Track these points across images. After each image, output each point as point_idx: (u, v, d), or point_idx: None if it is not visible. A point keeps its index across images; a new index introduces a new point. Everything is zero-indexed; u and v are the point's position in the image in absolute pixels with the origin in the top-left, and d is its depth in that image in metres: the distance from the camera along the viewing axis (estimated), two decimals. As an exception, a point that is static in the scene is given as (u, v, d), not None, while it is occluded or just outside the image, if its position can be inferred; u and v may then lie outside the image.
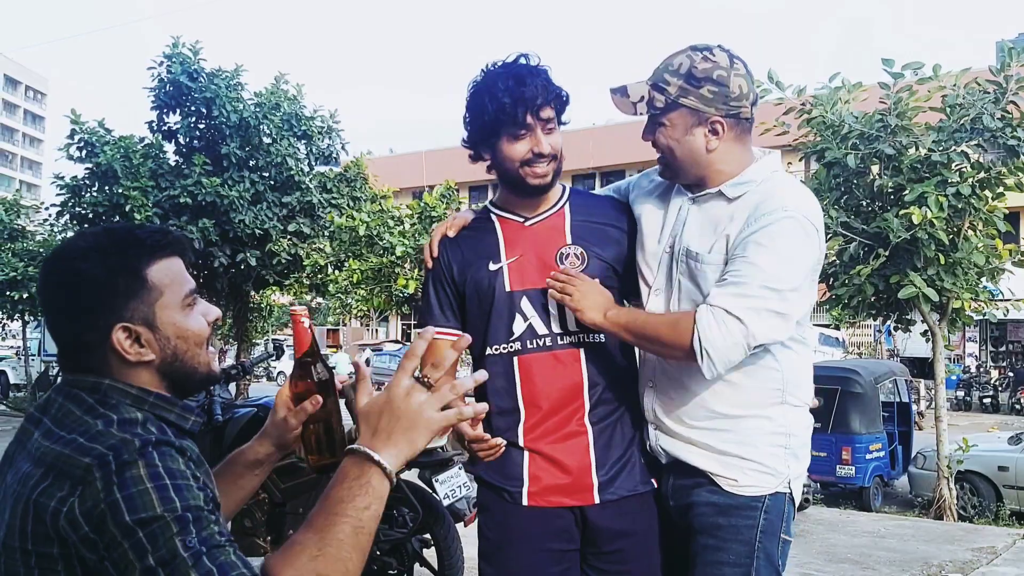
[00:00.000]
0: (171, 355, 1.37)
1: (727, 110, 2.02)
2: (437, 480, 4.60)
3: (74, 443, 1.23)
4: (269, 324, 21.45)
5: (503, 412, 2.19)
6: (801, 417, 2.12)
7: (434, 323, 2.25)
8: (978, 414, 21.67)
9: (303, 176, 13.85)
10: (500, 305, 2.18)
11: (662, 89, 2.04)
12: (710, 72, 2.00)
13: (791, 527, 2.11)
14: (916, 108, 7.67)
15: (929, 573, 5.89)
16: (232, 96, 13.20)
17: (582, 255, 2.18)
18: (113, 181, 12.92)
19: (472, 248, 2.25)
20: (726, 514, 2.05)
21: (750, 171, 2.06)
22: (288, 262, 13.60)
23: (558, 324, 2.16)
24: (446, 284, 2.26)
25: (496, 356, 2.18)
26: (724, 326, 1.89)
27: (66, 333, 1.35)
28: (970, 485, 9.19)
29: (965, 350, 27.23)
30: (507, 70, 2.12)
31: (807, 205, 2.01)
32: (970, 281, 7.96)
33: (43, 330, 19.17)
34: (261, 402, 4.90)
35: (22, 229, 17.57)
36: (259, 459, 1.67)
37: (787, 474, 2.07)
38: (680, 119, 2.05)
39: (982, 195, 7.67)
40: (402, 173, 32.88)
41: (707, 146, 2.05)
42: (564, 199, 2.27)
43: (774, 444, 2.06)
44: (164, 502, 1.16)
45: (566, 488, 2.14)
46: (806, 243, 1.97)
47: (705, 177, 2.09)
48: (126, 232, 1.39)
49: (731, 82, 2.01)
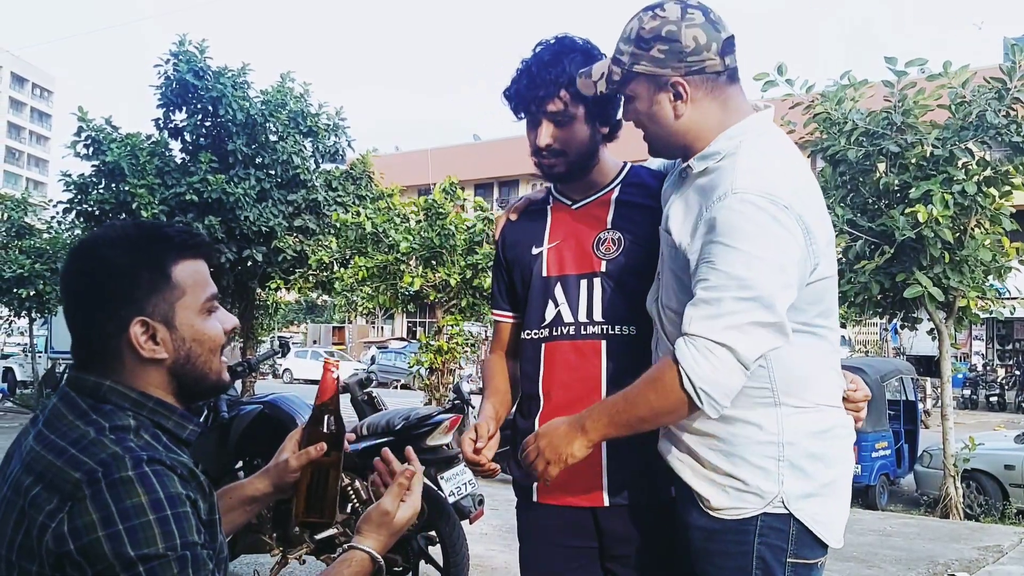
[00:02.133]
0: (184, 357, 1.36)
1: (685, 67, 1.77)
2: (442, 477, 4.60)
3: (65, 453, 1.23)
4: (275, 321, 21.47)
5: (529, 398, 2.17)
6: (805, 421, 1.80)
7: (494, 305, 2.31)
8: (984, 412, 21.63)
9: (309, 174, 13.88)
10: (536, 290, 2.15)
11: (619, 61, 1.84)
12: (658, 29, 1.77)
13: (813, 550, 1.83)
14: (923, 106, 7.66)
15: (935, 571, 5.88)
16: (239, 94, 13.23)
17: (618, 240, 2.09)
18: (120, 179, 12.96)
19: (523, 231, 2.24)
20: (713, 539, 1.84)
21: (716, 141, 1.80)
22: (294, 259, 13.62)
23: (584, 313, 2.09)
24: (501, 267, 2.29)
25: (528, 341, 2.17)
26: (712, 356, 1.64)
27: (83, 322, 1.34)
28: (976, 483, 9.18)
29: (972, 348, 27.16)
30: (526, 61, 2.09)
31: (767, 180, 1.70)
32: (976, 279, 7.94)
33: (50, 327, 19.24)
34: (267, 399, 4.90)
35: (29, 227, 17.61)
36: (255, 496, 1.66)
37: (777, 492, 1.77)
38: (641, 88, 1.83)
39: (988, 193, 7.65)
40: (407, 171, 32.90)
41: (675, 112, 1.81)
42: (618, 180, 2.18)
43: (763, 456, 1.78)
44: (166, 538, 1.18)
45: (575, 486, 2.07)
46: (775, 229, 1.66)
47: (685, 148, 1.86)
48: (155, 228, 1.40)
49: (683, 35, 1.76)
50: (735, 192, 1.68)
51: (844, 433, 1.87)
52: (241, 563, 5.09)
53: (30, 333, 19.50)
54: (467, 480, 4.71)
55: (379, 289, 10.85)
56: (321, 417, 1.60)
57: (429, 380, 10.95)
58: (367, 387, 7.19)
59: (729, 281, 1.65)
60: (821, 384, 1.84)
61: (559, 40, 2.08)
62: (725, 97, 1.82)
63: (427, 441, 4.40)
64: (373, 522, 1.51)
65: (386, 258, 10.56)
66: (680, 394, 1.67)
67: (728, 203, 1.68)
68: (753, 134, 1.81)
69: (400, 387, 26.90)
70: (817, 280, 1.78)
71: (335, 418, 1.61)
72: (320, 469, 1.59)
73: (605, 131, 2.15)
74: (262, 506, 1.70)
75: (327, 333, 40.91)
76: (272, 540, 4.48)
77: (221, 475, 4.77)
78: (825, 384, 1.85)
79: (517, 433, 2.20)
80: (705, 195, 1.76)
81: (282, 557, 4.49)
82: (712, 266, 1.68)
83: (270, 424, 4.69)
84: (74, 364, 1.37)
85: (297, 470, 1.60)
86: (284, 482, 1.63)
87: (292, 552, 4.46)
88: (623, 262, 2.07)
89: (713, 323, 1.65)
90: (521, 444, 1.96)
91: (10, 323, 19.35)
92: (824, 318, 1.84)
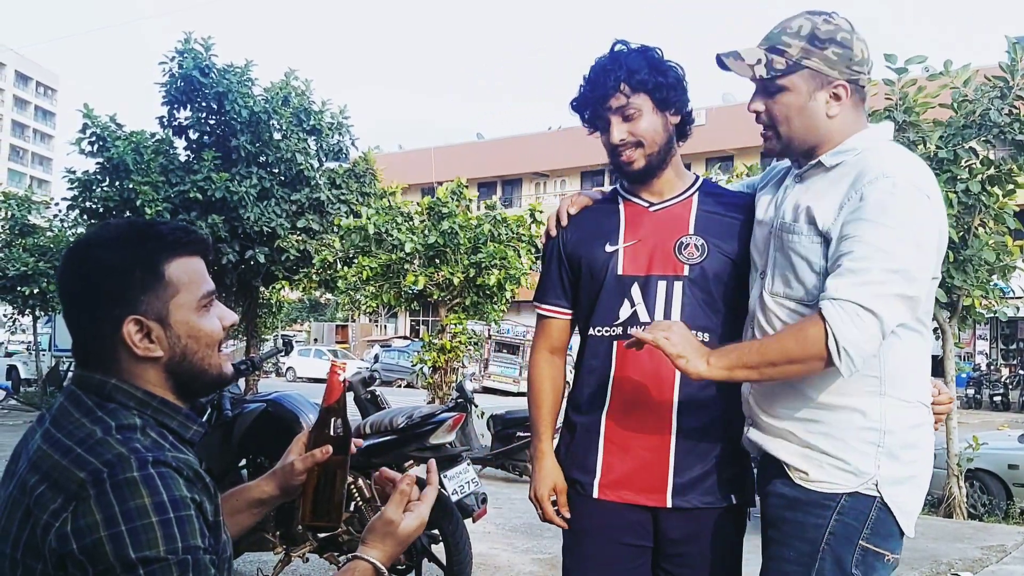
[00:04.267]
0: (180, 354, 1.36)
1: (850, 74, 1.92)
2: (446, 476, 4.60)
3: (71, 453, 1.23)
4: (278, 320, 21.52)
5: (593, 394, 2.16)
6: (906, 414, 1.90)
7: (543, 299, 2.30)
8: (988, 412, 21.61)
9: (312, 171, 13.88)
10: (610, 287, 2.15)
11: (781, 52, 1.94)
12: (834, 34, 1.91)
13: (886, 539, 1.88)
14: (924, 104, 7.64)
15: (938, 571, 5.88)
16: (243, 91, 13.23)
17: (702, 246, 2.12)
18: (124, 176, 12.97)
19: (591, 227, 2.23)
20: (793, 508, 1.91)
21: (853, 138, 1.94)
22: (297, 258, 13.63)
23: (662, 314, 2.10)
24: (559, 261, 2.27)
25: (598, 337, 2.16)
26: (858, 320, 1.73)
27: (79, 322, 1.35)
28: (980, 483, 9.15)
29: (975, 348, 27.15)
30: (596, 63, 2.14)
31: (913, 170, 1.86)
32: (980, 278, 7.92)
33: (54, 325, 19.28)
34: (270, 397, 4.90)
35: (33, 225, 17.64)
36: (261, 499, 1.66)
37: (873, 475, 1.86)
38: (803, 82, 1.94)
39: (992, 192, 7.64)
40: (411, 169, 32.93)
41: (828, 112, 1.94)
42: (694, 188, 2.23)
43: (864, 441, 1.87)
44: (167, 540, 1.18)
45: (638, 484, 2.08)
46: (919, 212, 1.80)
47: (816, 147, 1.97)
48: (148, 226, 1.40)
49: (855, 45, 1.92)
50: (887, 176, 1.81)
51: (931, 429, 1.97)
52: (245, 560, 5.10)
53: (34, 331, 19.55)
54: (470, 479, 4.72)
55: (383, 288, 10.85)
56: (328, 420, 1.59)
57: (432, 379, 10.95)
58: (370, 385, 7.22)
59: (877, 253, 1.76)
60: (920, 381, 1.95)
61: (613, 46, 2.16)
62: (861, 109, 1.99)
63: (430, 440, 4.41)
64: (377, 532, 1.50)
65: (389, 258, 10.56)
66: (821, 349, 1.76)
67: (880, 185, 1.80)
68: (883, 138, 1.99)
69: (403, 386, 26.93)
70: (935, 277, 1.91)
71: (342, 421, 1.60)
72: (326, 472, 1.58)
73: (676, 121, 2.17)
74: (268, 508, 1.69)
75: (330, 331, 40.93)
76: (276, 538, 4.49)
77: (224, 473, 4.78)
78: (924, 382, 1.96)
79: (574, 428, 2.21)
80: (849, 180, 1.87)
81: (285, 555, 4.49)
82: (859, 240, 1.78)
83: (273, 422, 4.69)
84: (76, 363, 1.38)
85: (303, 473, 1.60)
86: (290, 485, 1.62)
87: (295, 550, 4.46)
88: (706, 268, 2.10)
89: (862, 290, 1.74)
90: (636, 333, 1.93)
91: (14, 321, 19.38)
92: (928, 317, 1.95)
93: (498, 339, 25.36)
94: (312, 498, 1.58)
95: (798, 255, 1.92)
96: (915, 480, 1.92)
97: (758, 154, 22.53)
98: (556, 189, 38.64)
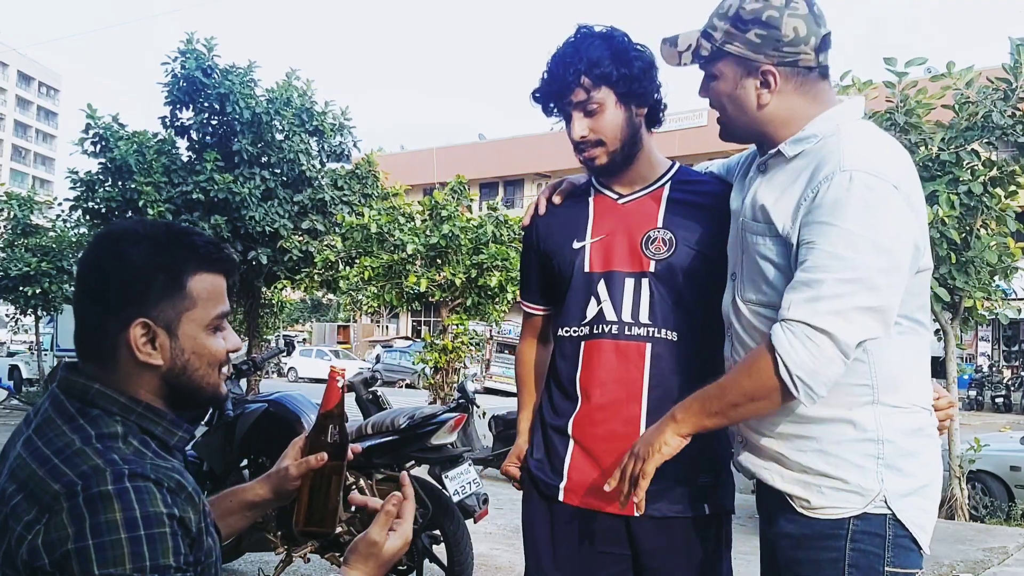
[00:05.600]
0: (180, 367, 1.34)
1: (779, 57, 1.72)
2: (447, 476, 4.61)
3: (48, 463, 1.21)
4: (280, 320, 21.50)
5: (565, 397, 2.08)
6: (903, 421, 1.72)
7: (523, 295, 2.24)
8: (990, 414, 21.60)
9: (315, 172, 13.90)
10: (577, 285, 2.06)
11: (709, 35, 1.78)
12: (759, 13, 1.71)
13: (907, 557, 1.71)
14: (926, 105, 7.64)
15: (940, 573, 5.87)
16: (245, 92, 13.24)
17: (669, 240, 2.00)
18: (127, 176, 12.99)
19: (562, 222, 2.13)
20: (803, 547, 1.73)
21: (815, 122, 1.74)
22: (299, 258, 13.64)
23: (629, 313, 1.99)
24: (534, 256, 2.20)
25: (566, 339, 2.08)
26: (811, 343, 1.57)
27: (89, 313, 1.34)
28: (982, 485, 9.14)
29: (977, 349, 27.12)
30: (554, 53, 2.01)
31: (876, 158, 1.65)
32: (982, 280, 7.91)
33: (56, 325, 19.28)
34: (272, 398, 4.91)
35: (35, 225, 17.65)
36: (255, 502, 1.64)
37: (878, 490, 1.68)
38: (728, 69, 1.77)
39: (994, 193, 7.63)
40: (413, 170, 32.97)
41: (759, 100, 1.75)
42: (666, 177, 2.10)
43: (861, 454, 1.69)
44: (134, 559, 1.15)
45: (603, 492, 1.91)
46: (880, 208, 1.59)
47: (763, 136, 1.81)
48: (184, 234, 1.38)
49: (783, 23, 1.70)
50: (843, 170, 1.62)
51: (934, 433, 1.80)
52: (246, 560, 5.11)
53: (36, 331, 19.55)
54: (472, 479, 4.72)
55: (384, 288, 10.86)
56: (325, 426, 1.56)
57: (434, 379, 10.96)
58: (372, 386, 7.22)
59: (832, 262, 1.58)
60: (918, 384, 1.77)
61: (577, 31, 2.03)
62: (815, 92, 1.77)
63: (431, 440, 4.41)
64: (360, 553, 1.46)
65: (391, 258, 10.57)
66: (774, 381, 1.61)
67: (835, 181, 1.61)
68: (851, 117, 1.77)
69: (405, 386, 26.94)
70: (922, 270, 1.74)
71: (339, 428, 1.57)
72: (321, 479, 1.55)
73: (643, 112, 2.05)
74: (262, 512, 1.67)
75: (332, 332, 40.95)
76: (277, 538, 4.49)
77: (226, 473, 4.79)
78: (922, 384, 1.78)
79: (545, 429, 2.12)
80: (807, 175, 1.69)
81: (287, 555, 4.49)
82: (813, 247, 1.61)
83: (275, 422, 4.69)
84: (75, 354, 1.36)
85: (298, 478, 1.57)
86: (284, 489, 1.60)
87: (297, 550, 4.46)
88: (673, 264, 2.00)
89: (814, 307, 1.58)
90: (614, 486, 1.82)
91: (16, 321, 19.38)
92: (923, 313, 1.78)
93: (500, 340, 25.36)
94: (307, 504, 1.55)
95: (762, 257, 1.76)
96: (925, 491, 1.74)
97: (760, 155, 21.97)
98: (558, 190, 38.57)
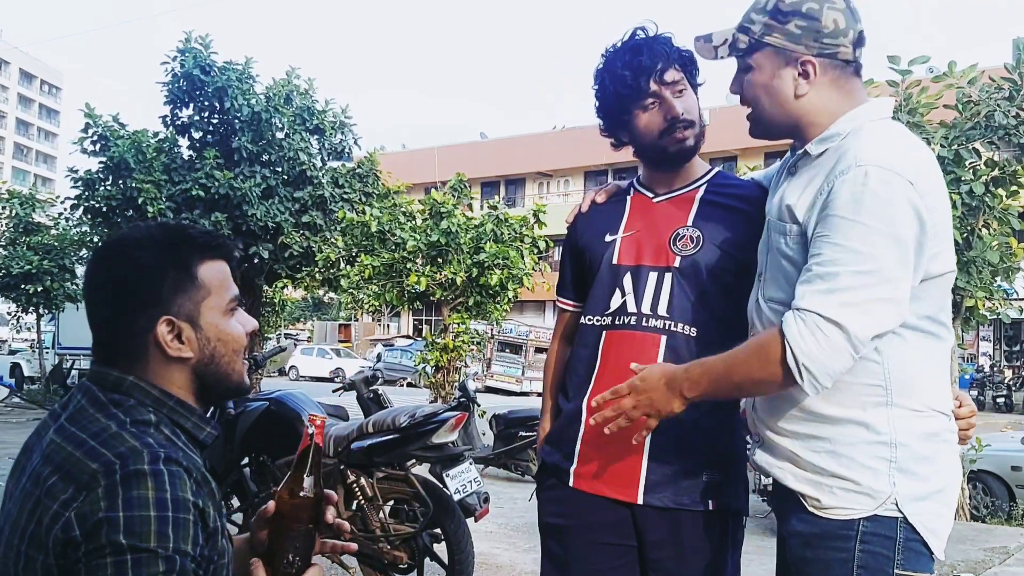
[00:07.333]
0: (209, 356, 1.38)
1: (819, 48, 1.75)
2: (448, 475, 4.61)
3: (84, 445, 1.24)
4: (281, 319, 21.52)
5: (579, 382, 2.13)
6: (918, 425, 1.71)
7: (559, 291, 2.31)
8: (991, 414, 21.57)
9: (315, 171, 13.91)
10: (604, 277, 2.12)
11: (747, 29, 1.81)
12: (799, 5, 1.74)
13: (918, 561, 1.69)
14: (928, 105, 7.63)
15: (941, 573, 5.86)
16: (244, 88, 13.25)
17: (697, 238, 2.05)
18: (127, 175, 13.02)
19: (599, 219, 2.20)
20: (812, 546, 1.74)
21: (841, 121, 1.76)
22: (300, 256, 13.65)
23: (649, 305, 2.04)
24: (571, 253, 2.26)
25: (589, 327, 2.14)
26: (820, 333, 1.58)
27: (108, 321, 1.36)
28: (983, 485, 9.14)
29: (979, 349, 27.12)
30: (622, 46, 2.08)
31: (893, 153, 1.66)
32: (984, 280, 7.91)
33: (57, 323, 19.29)
34: (273, 396, 4.91)
35: (37, 223, 17.68)
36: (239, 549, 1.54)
37: (889, 492, 1.67)
38: (766, 60, 1.80)
39: (996, 193, 7.62)
40: (414, 169, 32.98)
41: (796, 91, 1.78)
42: (704, 179, 2.15)
43: (873, 457, 1.69)
44: (159, 538, 1.18)
45: (612, 477, 2.01)
46: (898, 201, 1.60)
47: (797, 130, 1.82)
48: (179, 228, 1.42)
49: (823, 15, 1.74)
50: (859, 165, 1.64)
51: (952, 439, 1.79)
52: (246, 559, 5.10)
53: (37, 329, 19.56)
54: (472, 478, 4.72)
55: (385, 287, 10.86)
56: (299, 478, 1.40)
57: (435, 378, 10.97)
58: (373, 384, 7.22)
59: (846, 254, 1.60)
60: (935, 388, 1.76)
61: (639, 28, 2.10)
62: (849, 88, 1.79)
63: (432, 439, 4.40)
64: None
65: (392, 256, 10.57)
66: (780, 367, 1.63)
67: (851, 176, 1.63)
68: (876, 116, 1.79)
69: (406, 385, 26.96)
70: (945, 273, 1.75)
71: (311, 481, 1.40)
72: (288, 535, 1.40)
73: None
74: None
75: (333, 330, 40.98)
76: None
77: (227, 471, 4.79)
78: (940, 389, 1.77)
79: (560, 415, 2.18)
80: (826, 171, 1.71)
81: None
82: (828, 240, 1.63)
83: (276, 421, 4.70)
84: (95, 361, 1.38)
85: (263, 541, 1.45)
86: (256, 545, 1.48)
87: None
88: (698, 260, 2.04)
89: (827, 298, 1.59)
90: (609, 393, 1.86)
91: (18, 319, 19.39)
92: (945, 315, 1.79)
93: (501, 339, 25.39)
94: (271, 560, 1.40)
95: (784, 256, 1.78)
96: (940, 496, 1.73)
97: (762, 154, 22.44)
98: (559, 189, 38.64)
